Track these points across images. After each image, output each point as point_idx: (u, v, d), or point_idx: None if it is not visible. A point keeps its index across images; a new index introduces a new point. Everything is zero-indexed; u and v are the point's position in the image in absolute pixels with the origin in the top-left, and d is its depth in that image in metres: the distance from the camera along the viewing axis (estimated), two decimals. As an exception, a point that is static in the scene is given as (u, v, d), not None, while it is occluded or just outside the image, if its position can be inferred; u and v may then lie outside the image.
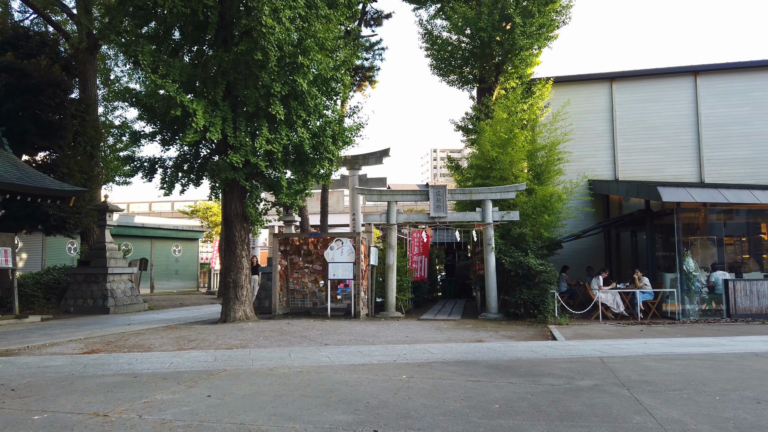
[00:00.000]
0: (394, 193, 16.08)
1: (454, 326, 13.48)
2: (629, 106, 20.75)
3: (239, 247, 14.22)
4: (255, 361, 8.25)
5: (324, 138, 13.71)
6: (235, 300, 14.08)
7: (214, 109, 12.87)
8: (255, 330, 12.10)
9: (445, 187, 15.89)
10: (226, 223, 14.35)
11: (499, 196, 15.75)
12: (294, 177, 14.16)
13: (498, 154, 16.85)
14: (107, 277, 17.95)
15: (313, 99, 13.12)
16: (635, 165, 20.45)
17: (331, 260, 15.01)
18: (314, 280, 16.17)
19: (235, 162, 12.69)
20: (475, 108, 21.89)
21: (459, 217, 16.00)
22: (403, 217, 16.22)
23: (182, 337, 11.07)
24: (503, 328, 13.18)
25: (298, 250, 16.13)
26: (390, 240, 16.05)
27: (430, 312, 17.02)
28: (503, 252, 15.61)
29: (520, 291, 14.83)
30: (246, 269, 14.28)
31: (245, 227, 14.35)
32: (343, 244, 15.04)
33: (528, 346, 9.83)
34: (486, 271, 15.60)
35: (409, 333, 11.98)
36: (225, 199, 14.37)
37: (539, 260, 15.03)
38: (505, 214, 15.68)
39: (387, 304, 15.85)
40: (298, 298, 16.31)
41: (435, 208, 15.86)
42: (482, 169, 17.72)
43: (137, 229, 27.74)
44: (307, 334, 11.47)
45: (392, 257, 15.96)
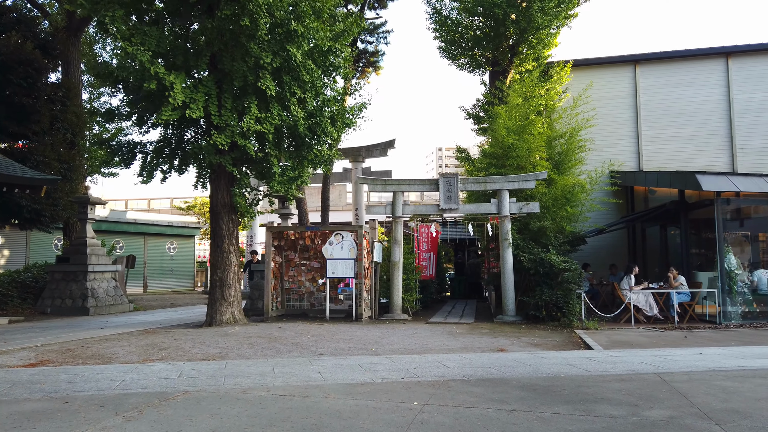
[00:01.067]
0: (400, 182, 14.38)
1: (468, 331, 11.76)
2: (654, 91, 18.97)
3: (226, 241, 12.53)
4: (228, 378, 6.56)
5: (322, 118, 12.01)
6: (222, 301, 12.39)
7: (197, 85, 11.19)
8: (241, 335, 10.41)
9: (457, 175, 14.17)
10: (213, 214, 12.67)
11: (517, 186, 14.01)
12: (288, 163, 12.47)
13: (514, 140, 15.11)
14: (87, 275, 16.30)
15: (308, 73, 11.42)
16: (661, 155, 18.67)
17: (330, 256, 13.31)
18: (312, 278, 14.46)
19: (220, 144, 11.01)
20: (486, 94, 20.15)
21: (472, 210, 14.27)
22: (410, 209, 14.51)
23: (154, 345, 9.39)
24: (524, 333, 11.45)
25: (293, 245, 14.44)
26: (396, 234, 14.34)
27: (440, 314, 15.29)
28: (521, 248, 13.88)
29: (540, 291, 13.09)
30: (234, 266, 12.60)
31: (233, 219, 12.66)
32: (343, 239, 13.33)
33: (562, 358, 8.10)
34: (502, 269, 13.87)
35: (418, 339, 10.27)
36: (211, 188, 12.69)
37: (561, 257, 13.30)
38: (524, 205, 13.94)
39: (392, 305, 14.14)
40: (294, 298, 14.61)
41: (445, 199, 14.14)
42: (496, 158, 15.98)
43: (129, 225, 26.11)
44: (299, 341, 9.77)
45: (398, 253, 14.25)
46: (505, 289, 13.79)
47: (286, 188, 12.21)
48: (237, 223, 12.81)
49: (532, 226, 14.33)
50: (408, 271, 14.81)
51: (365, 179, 14.85)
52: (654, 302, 13.34)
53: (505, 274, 13.75)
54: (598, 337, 10.63)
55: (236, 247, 12.71)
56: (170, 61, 11.65)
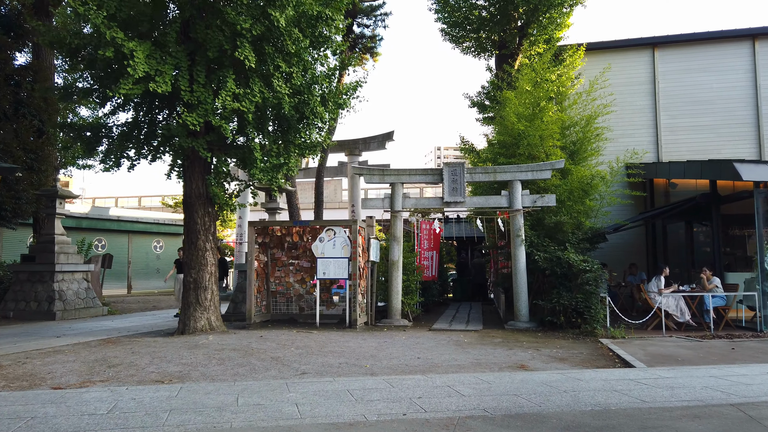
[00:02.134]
0: (399, 172, 12.76)
1: (477, 340, 10.14)
2: (675, 77, 17.37)
3: (201, 237, 10.89)
4: (174, 413, 4.91)
5: (310, 97, 10.37)
6: (197, 306, 10.75)
7: (165, 55, 9.55)
8: (213, 347, 8.77)
9: (463, 164, 12.55)
10: (186, 207, 11.04)
11: (531, 177, 12.39)
12: (273, 148, 10.83)
13: (525, 127, 13.50)
14: (55, 276, 14.63)
15: (294, 43, 9.78)
16: (681, 145, 17.07)
17: (321, 255, 11.68)
18: (301, 279, 12.82)
19: (191, 124, 9.37)
20: (492, 81, 18.54)
21: (480, 203, 12.64)
22: (411, 202, 12.88)
23: (104, 361, 7.75)
24: (543, 343, 9.84)
25: (280, 242, 12.79)
26: (395, 231, 12.71)
27: (443, 319, 13.66)
28: (535, 246, 12.26)
29: (557, 294, 11.47)
30: (211, 266, 10.96)
31: (210, 213, 11.02)
32: (335, 235, 11.70)
33: (602, 380, 6.47)
34: (514, 269, 12.25)
35: (420, 352, 8.64)
36: (184, 177, 11.05)
37: (580, 256, 11.69)
38: (538, 198, 12.32)
39: (391, 309, 12.52)
40: (282, 301, 12.96)
41: (450, 191, 12.51)
42: (505, 147, 14.36)
43: (112, 222, 24.44)
44: (280, 355, 8.14)
45: (397, 252, 12.63)
46: (517, 292, 12.17)
47: (269, 177, 10.58)
48: (214, 218, 11.16)
49: (548, 221, 12.71)
50: (408, 271, 13.19)
51: (361, 169, 13.21)
52: (686, 307, 11.73)
53: (518, 274, 12.14)
54: (631, 348, 9.01)
55: (213, 245, 11.07)
56: (137, 29, 10.01)
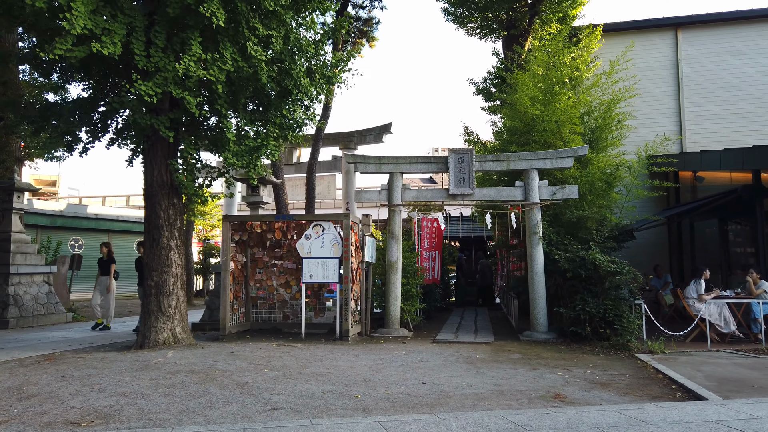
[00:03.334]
0: (399, 160, 11.04)
1: (492, 356, 8.42)
2: (699, 60, 15.72)
3: (165, 233, 9.14)
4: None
5: (293, 67, 8.65)
6: (158, 314, 8.99)
7: (115, 12, 7.82)
8: (167, 369, 7.02)
9: (472, 150, 10.83)
10: (147, 198, 9.29)
11: (550, 165, 10.69)
12: (250, 127, 9.10)
13: (540, 112, 11.82)
14: (10, 279, 12.86)
15: (273, 0, 8.08)
16: (707, 135, 15.41)
17: (307, 254, 9.94)
18: (285, 283, 11.07)
19: (146, 94, 7.62)
20: (499, 68, 16.87)
21: (491, 195, 10.92)
22: (412, 194, 11.15)
23: (19, 389, 5.99)
24: (571, 360, 8.12)
25: (261, 240, 11.04)
26: (393, 227, 10.99)
27: (448, 328, 11.93)
28: (555, 244, 10.55)
29: (582, 301, 9.77)
30: (177, 267, 9.21)
31: (175, 204, 9.27)
32: (324, 232, 9.96)
33: (675, 422, 4.73)
34: (530, 271, 10.54)
35: (426, 373, 6.91)
36: (145, 162, 9.30)
37: (607, 256, 10.00)
38: (558, 190, 10.61)
39: (389, 318, 10.79)
40: (263, 308, 11.21)
41: (457, 181, 10.80)
42: (517, 133, 12.66)
43: (90, 221, 22.66)
44: (249, 380, 6.39)
45: (396, 252, 10.91)
46: (534, 298, 10.45)
47: (244, 162, 8.84)
48: (181, 211, 9.41)
49: (568, 216, 11.01)
50: (408, 273, 11.47)
51: (354, 157, 11.47)
52: (730, 315, 10.03)
53: (534, 277, 10.42)
54: (681, 368, 7.29)
55: (179, 242, 9.32)
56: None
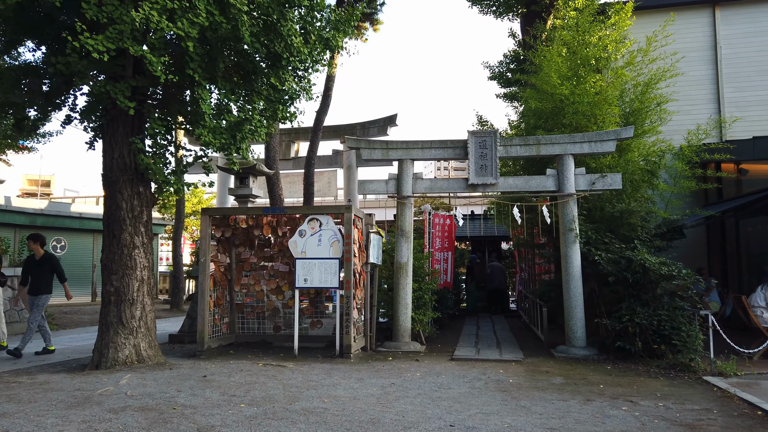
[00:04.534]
0: (409, 144, 9.36)
1: (528, 380, 6.72)
2: (740, 41, 14.00)
3: (128, 228, 7.46)
4: None
5: (283, 23, 6.98)
6: (119, 327, 7.30)
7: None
8: (110, 405, 5.32)
9: (496, 133, 9.14)
10: (107, 185, 7.60)
11: (588, 150, 9.00)
12: (231, 99, 7.41)
13: (571, 91, 10.15)
14: (-36, 283, 11.18)
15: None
16: (750, 124, 13.67)
17: (301, 254, 8.25)
18: (276, 288, 9.36)
19: (93, 49, 5.97)
20: (516, 52, 15.21)
21: (518, 186, 9.21)
22: (425, 184, 9.45)
23: None
24: (628, 387, 6.42)
25: (247, 238, 9.34)
26: (403, 223, 9.30)
27: (466, 341, 10.22)
28: (593, 243, 8.85)
29: (630, 310, 8.07)
30: (141, 270, 7.51)
31: (140, 194, 7.58)
32: (321, 227, 8.27)
33: None
34: (565, 274, 8.83)
35: (452, 410, 5.21)
36: (104, 141, 7.62)
37: (657, 258, 8.32)
38: (598, 179, 8.92)
39: (397, 329, 9.09)
40: (251, 318, 9.51)
41: (478, 169, 9.11)
42: (543, 117, 10.96)
43: (74, 220, 20.94)
44: (215, 423, 4.69)
45: (406, 252, 9.22)
46: (570, 306, 8.75)
47: (224, 140, 7.18)
48: (148, 201, 7.71)
49: (609, 210, 9.32)
50: (419, 277, 9.78)
51: (358, 141, 9.76)
52: (807, 328, 8.33)
53: (570, 282, 8.72)
54: (781, 401, 5.60)
55: (146, 239, 7.63)
56: None
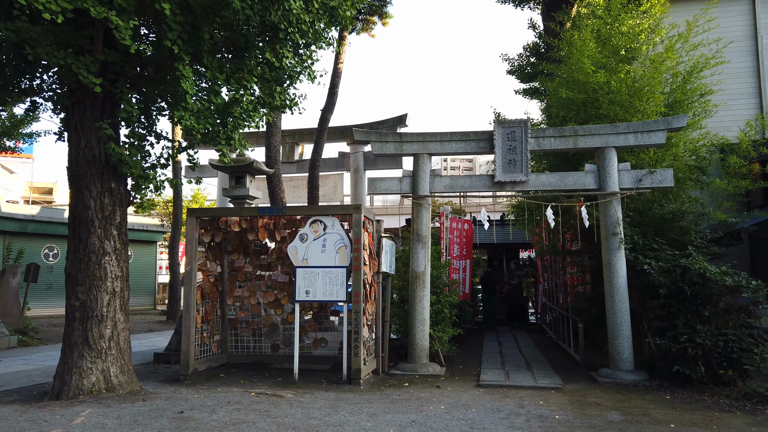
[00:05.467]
0: (425, 137, 8.16)
1: (578, 414, 5.45)
2: (784, 29, 12.81)
3: (97, 231, 6.28)
4: None
5: (280, -12, 5.81)
6: (85, 348, 6.08)
7: None
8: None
9: (527, 123, 7.92)
10: (72, 180, 6.43)
11: (633, 141, 7.76)
12: (218, 77, 6.23)
13: (607, 78, 8.94)
14: (-69, 294, 10.06)
15: None
16: (797, 120, 12.43)
17: (303, 262, 7.03)
18: (274, 301, 8.11)
19: (44, 8, 4.81)
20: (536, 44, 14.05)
21: (552, 183, 7.96)
22: (445, 182, 8.21)
23: None
24: (704, 426, 5.14)
25: (241, 243, 8.12)
26: (419, 226, 8.07)
27: (490, 361, 8.94)
28: (640, 249, 7.60)
29: (688, 328, 6.81)
30: (114, 280, 6.31)
31: (112, 191, 6.38)
32: (326, 230, 7.06)
33: None
34: (608, 286, 7.57)
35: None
36: (68, 128, 6.44)
37: (716, 267, 7.06)
38: (645, 175, 7.67)
39: (414, 348, 7.84)
40: (245, 335, 8.26)
41: (505, 164, 7.89)
42: (574, 108, 9.71)
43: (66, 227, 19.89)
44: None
45: (423, 259, 7.98)
46: (615, 322, 7.47)
47: (209, 125, 6.00)
48: (121, 200, 6.51)
49: (656, 212, 8.07)
50: (437, 288, 8.54)
51: (368, 134, 8.55)
52: None
53: (615, 294, 7.46)
54: None
55: (119, 244, 6.44)
56: None
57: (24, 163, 42.64)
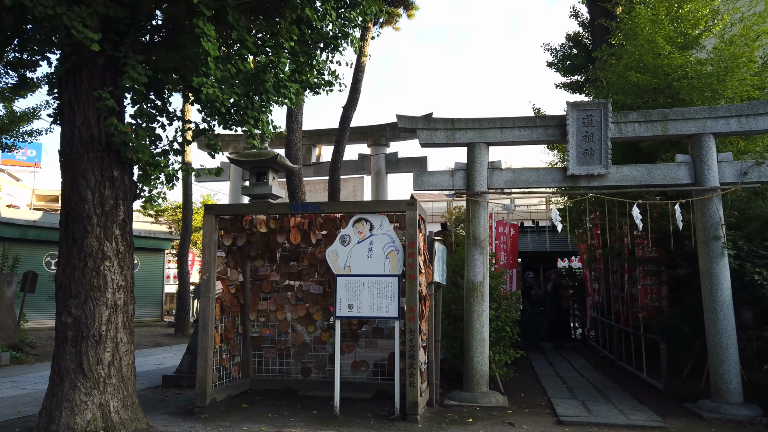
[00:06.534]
0: (483, 123, 6.92)
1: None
2: None
3: (94, 230, 5.03)
4: None
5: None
6: (79, 376, 4.82)
7: None
8: None
9: (607, 105, 6.66)
10: (64, 167, 5.20)
11: (736, 128, 6.47)
12: (245, 39, 5.00)
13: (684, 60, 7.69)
14: None
15: None
16: None
17: (344, 270, 5.77)
18: (306, 316, 6.83)
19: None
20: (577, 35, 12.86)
21: (636, 177, 6.64)
22: (506, 176, 6.94)
23: None
24: None
25: (267, 247, 6.87)
26: (476, 228, 6.79)
27: (553, 387, 7.61)
28: (746, 256, 6.31)
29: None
30: (116, 291, 5.06)
31: (113, 179, 5.14)
32: (372, 231, 5.80)
33: None
34: (709, 300, 6.24)
35: None
36: (61, 100, 5.23)
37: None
38: (752, 167, 6.38)
39: (471, 374, 6.54)
40: (270, 356, 6.98)
41: (580, 155, 6.63)
42: (641, 94, 8.42)
43: (70, 234, 18.75)
44: None
45: (481, 267, 6.71)
46: (718, 345, 6.14)
47: (236, 96, 4.78)
48: (126, 192, 5.26)
49: (760, 211, 6.77)
50: (495, 302, 7.26)
51: (413, 120, 7.30)
52: None
53: (719, 310, 6.14)
54: None
55: (122, 246, 5.18)
56: None
57: (32, 172, 42.01)
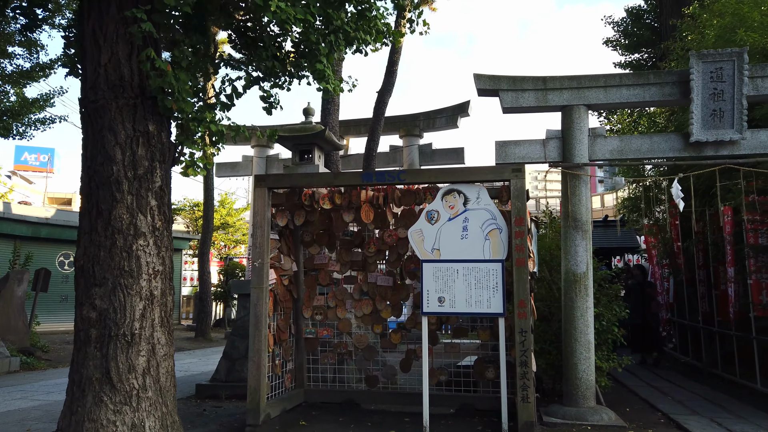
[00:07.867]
0: (581, 82, 5.74)
1: None
2: None
3: (125, 199, 3.86)
4: None
5: None
6: (105, 387, 3.67)
7: None
8: None
9: (742, 55, 5.46)
10: (86, 115, 4.05)
11: None
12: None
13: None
14: None
15: None
16: None
17: (431, 254, 4.60)
18: (372, 312, 5.63)
19: None
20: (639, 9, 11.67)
21: (777, 143, 5.48)
22: (613, 144, 5.73)
23: None
24: None
25: (325, 229, 5.69)
26: (578, 209, 5.57)
27: (660, 400, 6.36)
28: None
29: None
30: (153, 278, 3.92)
31: (149, 135, 3.99)
32: (467, 206, 4.62)
33: None
34: None
35: None
36: (83, 35, 4.11)
37: None
38: None
39: (574, 384, 5.31)
40: (329, 360, 5.79)
41: (707, 116, 5.41)
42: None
43: (85, 232, 17.71)
44: None
45: (584, 255, 5.49)
46: None
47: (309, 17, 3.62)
48: (163, 152, 4.11)
49: None
50: (602, 300, 6.05)
51: (495, 80, 6.10)
52: None
53: None
54: None
55: (158, 222, 4.02)
56: None
57: (45, 177, 41.69)
